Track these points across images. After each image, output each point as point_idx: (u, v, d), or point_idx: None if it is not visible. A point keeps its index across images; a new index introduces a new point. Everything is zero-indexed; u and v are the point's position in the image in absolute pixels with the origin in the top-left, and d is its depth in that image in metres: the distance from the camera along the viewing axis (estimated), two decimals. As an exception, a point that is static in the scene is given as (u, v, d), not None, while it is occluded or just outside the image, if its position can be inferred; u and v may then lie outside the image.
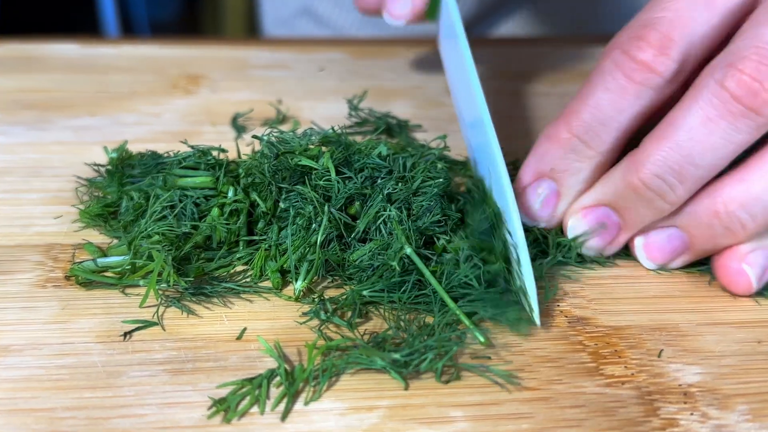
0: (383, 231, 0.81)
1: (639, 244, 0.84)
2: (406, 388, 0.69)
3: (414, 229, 0.80)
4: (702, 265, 0.84)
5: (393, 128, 1.09)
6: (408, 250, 0.78)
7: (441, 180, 0.83)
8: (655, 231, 0.83)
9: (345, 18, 1.62)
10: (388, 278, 0.78)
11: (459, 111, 0.98)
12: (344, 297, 0.78)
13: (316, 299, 0.78)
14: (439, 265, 0.79)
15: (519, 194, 0.86)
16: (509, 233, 0.79)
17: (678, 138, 0.76)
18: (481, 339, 0.74)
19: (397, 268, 0.77)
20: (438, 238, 0.81)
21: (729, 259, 0.81)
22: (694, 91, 0.77)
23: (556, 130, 0.83)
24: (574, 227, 0.84)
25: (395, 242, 0.79)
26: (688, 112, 0.76)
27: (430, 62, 1.32)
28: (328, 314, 0.76)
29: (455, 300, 0.77)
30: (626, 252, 0.86)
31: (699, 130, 0.76)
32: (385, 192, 0.82)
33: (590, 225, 0.83)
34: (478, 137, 0.88)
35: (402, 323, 0.75)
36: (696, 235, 0.81)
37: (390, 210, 0.81)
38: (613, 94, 0.80)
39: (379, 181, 0.84)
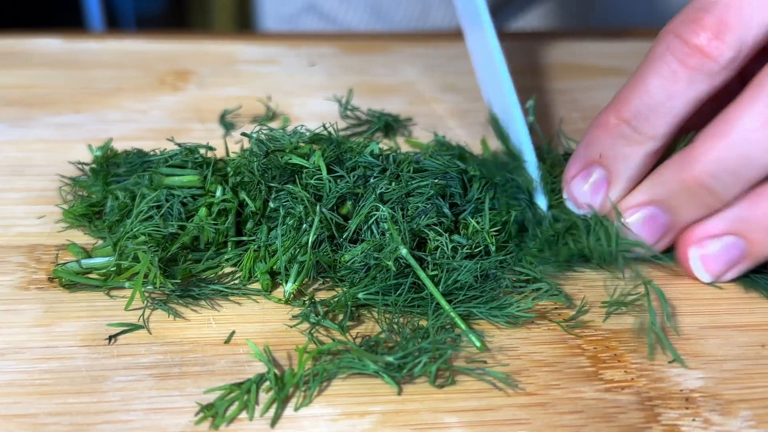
0: (375, 231, 0.81)
1: (695, 256, 0.82)
2: (400, 393, 0.69)
3: (408, 230, 0.80)
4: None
5: (389, 126, 1.09)
6: (403, 251, 0.78)
7: (436, 180, 0.83)
8: (710, 241, 0.81)
9: (353, 15, 1.62)
10: (383, 280, 0.78)
11: (482, 82, 1.00)
12: (336, 299, 0.78)
13: (306, 302, 0.78)
14: (437, 268, 0.79)
15: (568, 183, 0.85)
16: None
17: (735, 137, 0.75)
18: (477, 343, 0.74)
19: (393, 268, 0.77)
20: (431, 240, 0.81)
21: None
22: (755, 89, 0.76)
23: (605, 117, 0.82)
24: (622, 225, 0.83)
25: (390, 243, 0.79)
26: (747, 111, 0.75)
27: (424, 57, 1.32)
28: (319, 317, 0.76)
29: (451, 302, 0.77)
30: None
31: (759, 132, 0.75)
32: (378, 191, 0.82)
33: (638, 224, 0.82)
34: (494, 84, 0.93)
35: (395, 326, 0.75)
36: (756, 240, 0.80)
37: (383, 210, 0.80)
38: (664, 79, 0.78)
39: (371, 180, 0.84)
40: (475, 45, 0.98)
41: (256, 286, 0.81)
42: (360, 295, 0.77)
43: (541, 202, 0.85)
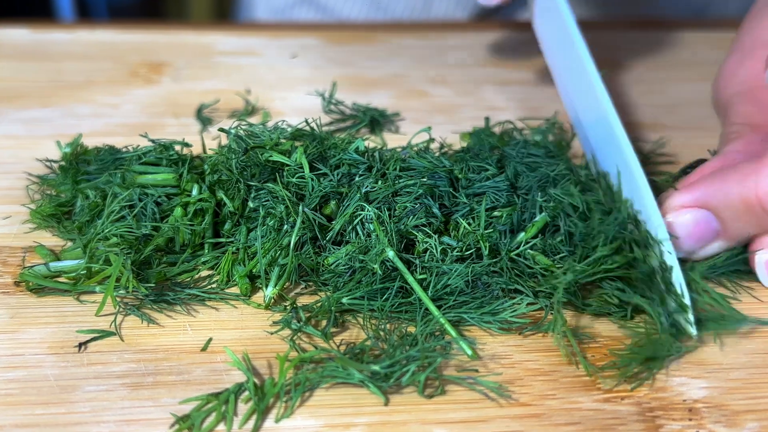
0: (360, 233, 0.81)
1: (761, 261, 0.83)
2: (386, 403, 0.69)
3: (395, 231, 0.80)
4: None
5: (376, 121, 1.09)
6: (390, 253, 0.78)
7: (425, 179, 0.83)
8: None
9: (351, 6, 1.61)
10: (369, 284, 0.78)
11: (568, 100, 0.98)
12: (319, 304, 0.77)
13: (287, 307, 0.78)
14: (426, 272, 0.79)
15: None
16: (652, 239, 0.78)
17: None
18: (468, 351, 0.74)
19: (379, 272, 0.77)
20: (419, 242, 0.81)
21: None
22: None
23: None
24: (671, 224, 0.81)
25: (376, 244, 0.79)
26: None
27: (412, 48, 1.32)
28: (301, 324, 0.76)
29: (440, 308, 0.77)
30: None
31: None
32: (363, 190, 0.82)
33: (688, 225, 0.81)
34: (599, 131, 0.88)
35: (382, 333, 0.75)
36: None
37: (368, 210, 0.80)
38: None
39: (357, 178, 0.84)
40: (567, 71, 0.97)
41: (235, 290, 0.81)
42: (344, 300, 0.77)
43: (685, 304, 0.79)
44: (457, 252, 0.80)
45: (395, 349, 0.72)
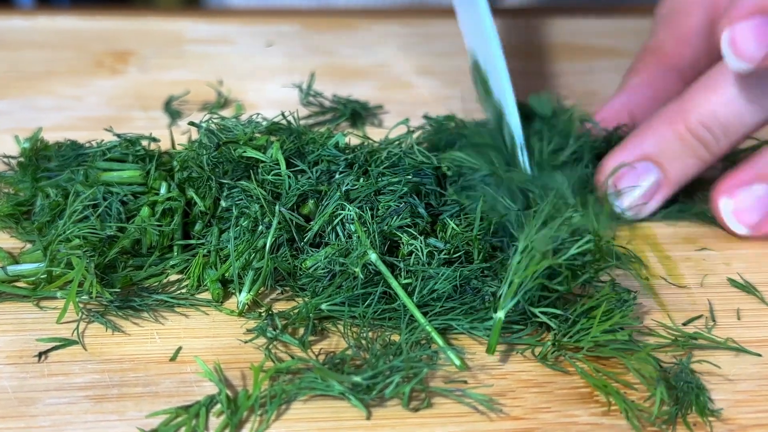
0: (341, 234, 0.81)
1: (727, 210, 0.89)
2: (369, 417, 0.69)
3: (377, 232, 0.80)
4: None
5: (357, 114, 1.09)
6: (372, 256, 0.78)
7: (410, 177, 0.83)
8: (740, 191, 0.88)
9: None
10: (350, 289, 0.78)
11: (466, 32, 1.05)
12: (296, 311, 0.77)
13: (262, 314, 0.78)
14: (410, 276, 0.79)
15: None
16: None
17: (730, 92, 0.84)
18: (456, 362, 0.74)
19: (361, 276, 0.77)
20: (404, 244, 0.81)
21: None
22: None
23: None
24: (614, 184, 0.90)
25: (357, 246, 0.78)
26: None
27: (396, 36, 1.32)
28: (277, 332, 0.75)
29: (426, 314, 0.77)
30: None
31: (753, 89, 0.83)
32: (344, 188, 0.82)
33: (631, 179, 0.89)
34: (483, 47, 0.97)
35: (364, 341, 0.75)
36: None
37: (349, 209, 0.80)
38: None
39: (336, 176, 0.84)
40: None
41: (206, 296, 0.81)
42: (323, 306, 0.77)
43: (524, 159, 0.90)
44: (445, 255, 0.80)
45: (378, 359, 0.72)
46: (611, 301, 0.76)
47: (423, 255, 0.80)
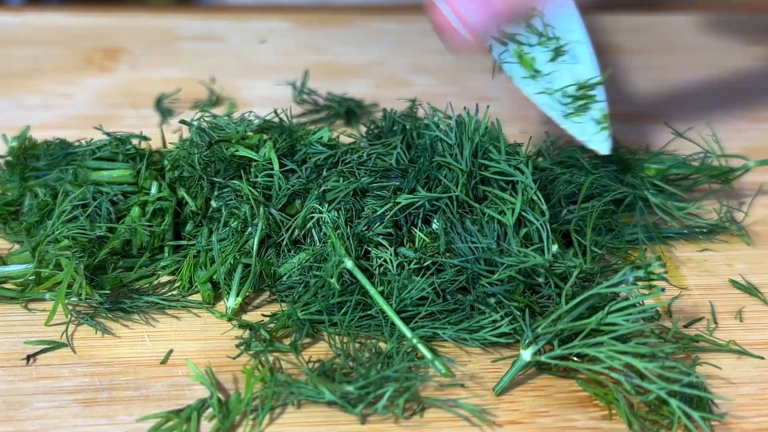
0: (317, 237, 0.80)
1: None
2: (362, 422, 0.69)
3: (353, 237, 0.79)
4: None
5: (352, 112, 1.09)
6: (349, 264, 0.77)
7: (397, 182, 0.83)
8: None
9: None
10: (325, 298, 0.77)
11: None
12: (277, 319, 0.77)
13: (247, 328, 0.77)
14: (386, 283, 0.78)
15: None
16: None
17: None
18: (442, 370, 0.73)
19: (337, 287, 0.77)
20: (373, 257, 0.80)
21: None
22: None
23: None
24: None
25: (332, 254, 0.78)
26: None
27: (393, 33, 1.32)
28: (265, 345, 0.75)
29: (410, 321, 0.76)
30: None
31: None
32: (321, 189, 0.82)
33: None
34: None
35: (349, 350, 0.74)
36: None
37: (324, 213, 0.80)
38: None
39: (324, 172, 0.84)
40: None
41: (197, 297, 0.80)
42: (299, 315, 0.76)
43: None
44: (415, 264, 0.79)
45: (368, 369, 0.71)
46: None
47: (392, 267, 0.78)
